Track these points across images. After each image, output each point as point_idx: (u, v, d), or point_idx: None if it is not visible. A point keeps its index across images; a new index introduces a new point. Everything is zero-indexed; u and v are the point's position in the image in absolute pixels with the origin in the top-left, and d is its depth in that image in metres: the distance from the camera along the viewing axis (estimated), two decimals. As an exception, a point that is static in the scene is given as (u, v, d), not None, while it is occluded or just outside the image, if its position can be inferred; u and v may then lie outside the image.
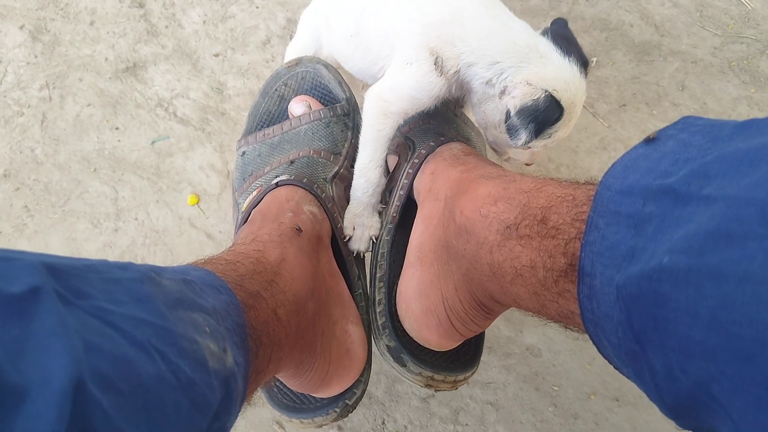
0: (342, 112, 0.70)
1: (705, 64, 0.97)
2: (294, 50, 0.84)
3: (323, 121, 0.68)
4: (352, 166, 0.68)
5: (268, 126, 0.71)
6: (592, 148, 0.93)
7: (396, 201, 0.66)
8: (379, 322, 0.62)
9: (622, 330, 0.33)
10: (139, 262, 0.92)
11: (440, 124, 0.70)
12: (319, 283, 0.56)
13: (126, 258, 0.92)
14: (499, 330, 0.89)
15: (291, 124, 0.69)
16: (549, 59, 0.58)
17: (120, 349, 0.27)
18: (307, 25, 0.82)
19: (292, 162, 0.65)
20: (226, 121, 0.93)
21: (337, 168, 0.67)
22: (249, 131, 0.71)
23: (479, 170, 0.57)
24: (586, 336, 0.39)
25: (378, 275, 0.65)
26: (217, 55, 0.96)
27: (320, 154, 0.66)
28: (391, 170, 0.71)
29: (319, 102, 0.71)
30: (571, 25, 1.01)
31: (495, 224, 0.48)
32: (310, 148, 0.67)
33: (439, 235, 0.57)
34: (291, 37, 0.96)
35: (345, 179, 0.67)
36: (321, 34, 0.79)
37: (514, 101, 0.57)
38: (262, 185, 0.65)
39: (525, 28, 0.60)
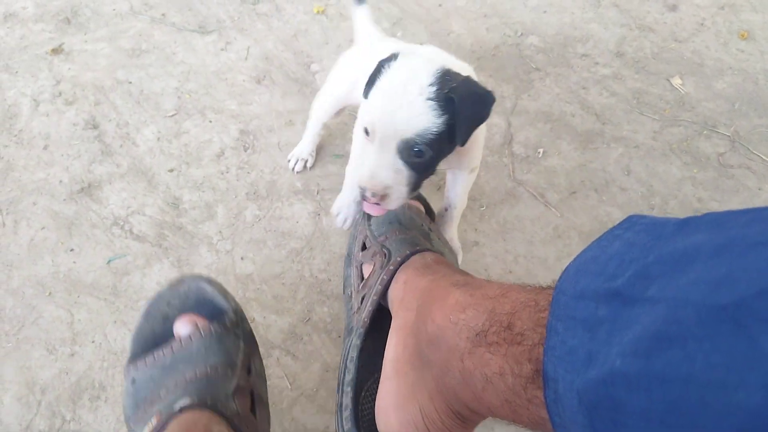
0: (231, 324, 0.70)
1: (647, 148, 1.01)
2: (330, 96, 0.92)
3: (215, 336, 0.68)
4: (249, 373, 0.68)
5: (156, 348, 0.69)
6: (546, 237, 0.95)
7: (369, 306, 0.68)
8: (345, 428, 0.61)
9: None
10: (96, 387, 0.90)
11: (416, 236, 0.73)
12: None
13: (83, 384, 0.89)
14: None
15: (182, 343, 0.67)
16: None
17: None
18: (337, 85, 0.91)
19: (190, 382, 0.64)
20: (183, 235, 0.94)
21: (236, 381, 0.66)
22: (136, 356, 0.69)
23: (448, 278, 0.58)
24: None
25: (346, 379, 0.65)
26: (171, 171, 0.97)
27: (217, 369, 0.65)
28: (365, 277, 0.73)
29: (206, 317, 0.71)
30: (516, 119, 1.05)
31: (465, 331, 0.48)
32: (206, 365, 0.65)
33: (413, 345, 0.57)
34: (245, 148, 0.98)
35: (245, 390, 0.67)
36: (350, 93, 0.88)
37: None
38: (161, 411, 0.62)
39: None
